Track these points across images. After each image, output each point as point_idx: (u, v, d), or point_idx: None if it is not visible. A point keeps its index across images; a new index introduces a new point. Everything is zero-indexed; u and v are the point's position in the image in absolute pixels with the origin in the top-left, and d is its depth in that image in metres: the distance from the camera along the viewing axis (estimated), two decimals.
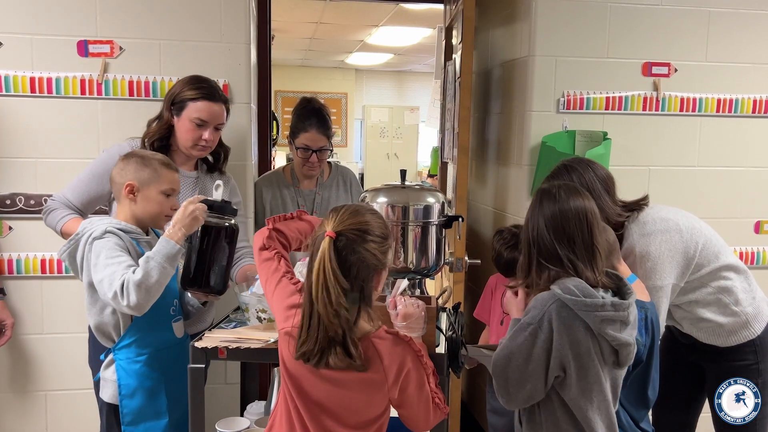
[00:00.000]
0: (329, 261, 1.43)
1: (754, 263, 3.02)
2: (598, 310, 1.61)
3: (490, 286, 2.74)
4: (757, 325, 2.15)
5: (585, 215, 1.72)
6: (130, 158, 2.01)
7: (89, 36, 2.59)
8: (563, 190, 1.75)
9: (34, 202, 2.62)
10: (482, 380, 3.27)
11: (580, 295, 1.62)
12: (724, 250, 2.15)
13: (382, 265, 1.51)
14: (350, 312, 1.46)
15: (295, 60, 10.26)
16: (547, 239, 1.71)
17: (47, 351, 2.70)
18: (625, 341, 1.64)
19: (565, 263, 1.69)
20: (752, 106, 2.96)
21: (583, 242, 1.70)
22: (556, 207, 1.72)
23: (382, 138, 10.87)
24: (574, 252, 1.70)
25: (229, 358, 1.83)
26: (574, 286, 1.63)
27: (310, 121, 2.64)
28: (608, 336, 1.63)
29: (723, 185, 3.00)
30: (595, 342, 1.64)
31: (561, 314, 1.63)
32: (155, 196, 1.98)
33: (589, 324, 1.62)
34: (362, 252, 1.46)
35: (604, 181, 2.11)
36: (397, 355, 1.50)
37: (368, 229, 1.49)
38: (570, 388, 1.65)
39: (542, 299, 1.67)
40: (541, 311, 1.65)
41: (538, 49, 2.80)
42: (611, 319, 1.62)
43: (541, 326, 1.64)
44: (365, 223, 1.49)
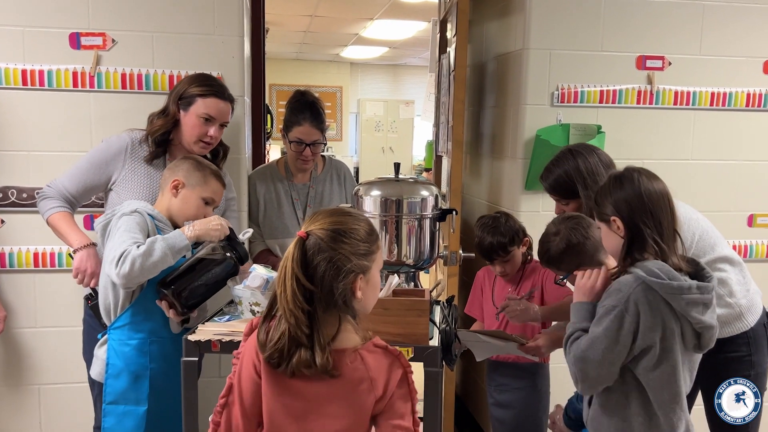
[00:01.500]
0: (291, 260, 1.37)
1: (747, 256, 3.03)
2: (684, 293, 1.59)
3: (479, 280, 2.74)
4: (751, 317, 2.16)
5: (668, 198, 1.69)
6: (188, 159, 2.15)
7: (81, 28, 2.58)
8: (644, 175, 1.71)
9: (26, 196, 2.61)
10: (477, 374, 3.28)
11: (665, 278, 1.59)
12: (719, 242, 2.16)
13: (359, 269, 1.39)
14: (318, 316, 1.37)
15: (290, 53, 10.23)
16: (632, 221, 1.67)
17: (40, 345, 2.70)
18: (708, 324, 1.63)
19: (648, 244, 1.65)
20: (746, 99, 2.97)
21: (668, 225, 1.68)
22: (641, 189, 1.67)
23: (377, 132, 10.86)
24: (660, 234, 1.66)
25: (223, 351, 1.83)
26: (658, 268, 1.61)
27: (304, 115, 2.64)
28: (693, 319, 1.61)
29: (716, 178, 3.00)
30: (678, 325, 1.63)
31: (648, 297, 1.60)
32: (195, 200, 2.10)
33: (675, 307, 1.61)
34: (330, 252, 1.37)
35: (608, 166, 2.14)
36: (385, 367, 1.41)
37: (342, 230, 1.40)
38: (650, 371, 1.64)
39: (626, 282, 1.64)
40: (626, 294, 1.62)
41: (533, 43, 2.80)
42: (696, 302, 1.61)
43: (627, 309, 1.60)
44: (340, 224, 1.41)
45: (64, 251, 2.64)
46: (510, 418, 2.59)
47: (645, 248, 1.66)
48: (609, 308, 1.63)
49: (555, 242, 1.97)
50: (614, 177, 1.74)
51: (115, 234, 1.96)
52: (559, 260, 1.97)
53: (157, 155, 2.28)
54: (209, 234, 2.03)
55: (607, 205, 1.72)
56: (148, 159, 2.27)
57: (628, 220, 1.67)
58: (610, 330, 1.62)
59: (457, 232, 2.79)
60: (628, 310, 1.61)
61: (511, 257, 2.52)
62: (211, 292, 2.06)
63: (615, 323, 1.61)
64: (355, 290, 1.40)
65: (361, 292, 1.41)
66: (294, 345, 1.37)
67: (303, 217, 2.72)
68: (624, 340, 1.61)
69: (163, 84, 2.62)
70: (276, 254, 2.71)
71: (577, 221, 1.95)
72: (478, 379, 3.25)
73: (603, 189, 1.75)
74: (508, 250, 2.50)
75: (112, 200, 2.26)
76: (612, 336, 1.61)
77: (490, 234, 2.51)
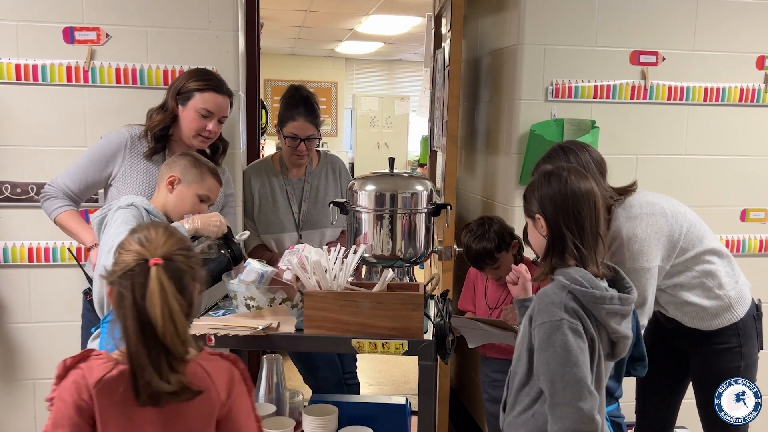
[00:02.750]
0: (171, 295, 1.30)
1: (740, 251, 3.05)
2: (606, 303, 1.55)
3: (471, 277, 2.75)
4: (740, 309, 2.18)
5: (595, 200, 1.64)
6: (185, 155, 2.15)
7: (75, 23, 2.57)
8: (573, 173, 1.67)
9: (20, 191, 2.60)
10: (471, 367, 3.29)
11: (588, 286, 1.56)
12: (707, 234, 2.18)
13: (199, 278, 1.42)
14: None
15: (285, 48, 10.21)
16: (555, 223, 1.63)
17: (35, 339, 2.70)
18: (624, 334, 1.60)
19: (569, 249, 1.61)
20: (739, 94, 2.98)
21: (591, 229, 1.62)
22: (567, 189, 1.63)
23: (373, 127, 10.85)
24: (581, 239, 1.61)
25: (218, 345, 1.83)
26: (581, 276, 1.57)
27: (298, 110, 2.64)
28: (610, 328, 1.58)
29: (710, 173, 3.02)
30: (596, 333, 1.58)
31: (577, 304, 1.56)
32: (190, 196, 2.10)
33: (596, 315, 1.56)
34: (189, 270, 1.37)
35: (599, 164, 2.14)
36: (224, 373, 1.42)
37: (188, 246, 1.42)
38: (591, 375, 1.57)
39: (553, 292, 1.58)
40: (560, 304, 1.55)
41: (527, 38, 2.80)
42: (615, 312, 1.57)
43: (571, 316, 1.54)
44: (182, 241, 1.40)
45: (58, 246, 2.64)
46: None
47: (565, 251, 1.62)
48: (553, 324, 1.54)
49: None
50: (543, 173, 1.70)
51: (111, 226, 1.97)
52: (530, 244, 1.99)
53: (156, 151, 2.28)
54: (208, 229, 2.04)
55: (533, 201, 1.68)
56: (148, 154, 2.28)
57: (552, 221, 1.64)
58: (567, 343, 1.52)
59: (451, 227, 2.79)
60: (572, 316, 1.54)
61: (500, 263, 2.50)
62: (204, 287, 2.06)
63: (568, 335, 1.52)
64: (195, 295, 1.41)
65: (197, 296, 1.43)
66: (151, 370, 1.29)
67: (298, 212, 2.73)
68: (584, 346, 1.53)
69: (158, 79, 2.62)
70: (271, 249, 2.71)
71: None
72: (472, 373, 3.26)
73: (531, 184, 1.71)
74: (496, 257, 2.47)
75: (111, 195, 2.27)
76: (573, 347, 1.52)
77: (476, 241, 2.47)
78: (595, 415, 1.50)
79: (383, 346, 1.78)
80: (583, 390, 1.50)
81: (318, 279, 1.85)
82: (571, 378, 1.50)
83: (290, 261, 1.90)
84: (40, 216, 2.36)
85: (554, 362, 1.52)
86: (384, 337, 1.78)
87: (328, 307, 1.80)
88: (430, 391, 1.81)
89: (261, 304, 1.92)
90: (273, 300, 1.93)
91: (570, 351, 1.51)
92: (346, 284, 1.88)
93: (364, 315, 1.79)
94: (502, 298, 2.61)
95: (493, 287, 2.65)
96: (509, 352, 2.53)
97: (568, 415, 1.50)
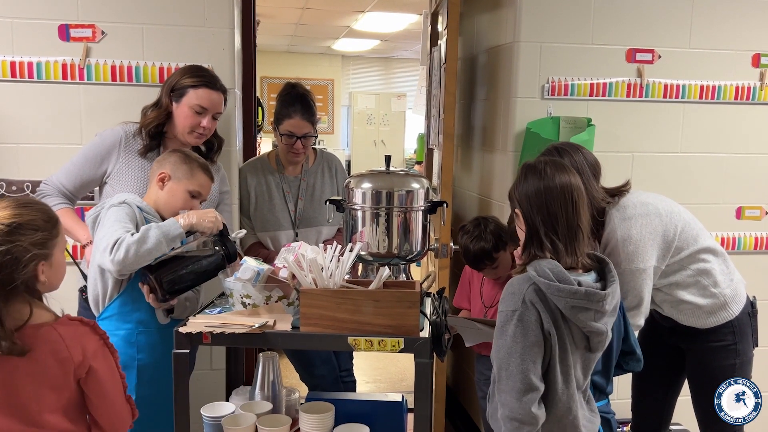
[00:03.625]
0: None
1: (735, 248, 3.06)
2: (569, 296, 1.58)
3: (466, 275, 2.75)
4: (735, 306, 2.19)
5: (570, 193, 1.66)
6: (176, 152, 2.16)
7: (70, 20, 2.56)
8: (549, 166, 1.70)
9: (15, 188, 2.60)
10: (467, 365, 3.29)
11: (554, 279, 1.58)
12: (702, 233, 2.19)
13: (38, 257, 1.54)
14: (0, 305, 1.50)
15: (281, 46, 10.19)
16: (530, 217, 1.67)
17: None
18: (596, 329, 1.62)
19: (545, 244, 1.65)
20: (734, 92, 2.99)
21: (567, 222, 1.65)
22: (541, 183, 1.66)
23: (369, 125, 10.84)
24: (555, 232, 1.65)
25: (214, 343, 1.83)
26: (549, 269, 1.60)
27: (294, 108, 2.63)
28: (579, 322, 1.61)
29: (705, 171, 3.02)
30: (566, 325, 1.62)
31: (539, 296, 1.60)
32: (181, 193, 2.10)
33: (560, 307, 1.60)
34: (8, 246, 1.49)
35: (593, 165, 2.15)
36: (80, 336, 1.58)
37: (19, 223, 1.52)
38: (552, 369, 1.62)
39: (518, 283, 1.64)
40: (520, 295, 1.61)
41: (523, 36, 2.80)
42: (580, 306, 1.59)
43: (526, 308, 1.59)
44: (17, 216, 1.52)
45: None
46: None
47: (542, 245, 1.65)
48: (508, 314, 1.61)
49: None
50: (524, 167, 1.73)
51: (105, 224, 1.97)
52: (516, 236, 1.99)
53: (151, 148, 2.28)
54: (203, 225, 2.03)
55: (513, 196, 1.73)
56: (143, 152, 2.27)
57: (527, 215, 1.68)
58: (516, 334, 1.59)
59: (447, 225, 2.80)
60: (527, 309, 1.59)
61: (499, 263, 2.51)
62: (195, 282, 2.05)
63: (519, 326, 1.59)
64: (38, 275, 1.55)
65: (44, 276, 1.57)
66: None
67: (294, 209, 2.73)
68: (535, 338, 1.58)
69: (154, 76, 2.61)
70: (267, 247, 2.71)
71: None
72: (468, 370, 3.26)
73: (516, 179, 1.75)
74: (494, 257, 2.48)
75: (106, 193, 2.27)
76: (521, 339, 1.58)
77: (474, 242, 2.48)
78: (531, 408, 1.56)
79: (379, 344, 1.78)
80: (524, 382, 1.56)
81: (314, 277, 1.85)
82: (514, 368, 1.58)
83: (286, 259, 1.90)
84: None
85: (503, 350, 1.60)
86: (380, 335, 1.78)
87: (325, 305, 1.80)
88: (427, 388, 1.81)
89: (257, 301, 1.92)
90: (269, 298, 1.92)
91: (516, 342, 1.58)
92: (343, 282, 1.87)
93: (360, 313, 1.79)
94: (497, 297, 2.61)
95: (488, 285, 2.66)
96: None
97: (507, 403, 1.59)
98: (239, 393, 2.22)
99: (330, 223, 2.66)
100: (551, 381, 1.63)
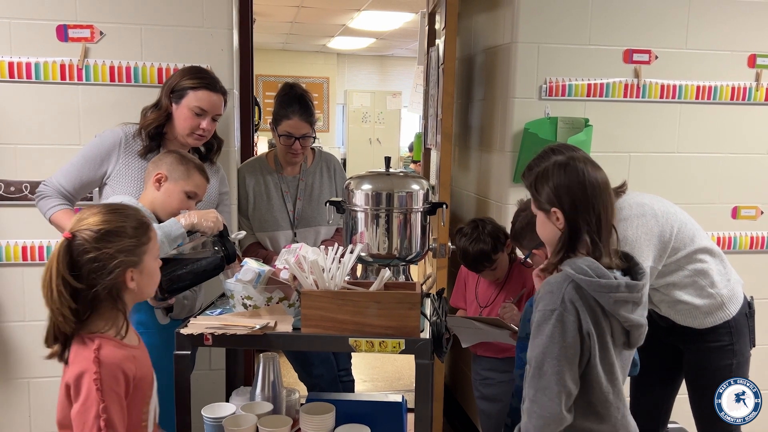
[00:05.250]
0: (57, 262, 1.46)
1: (731, 248, 3.08)
2: (612, 291, 1.54)
3: (462, 275, 2.76)
4: (732, 307, 2.20)
5: (608, 190, 1.63)
6: (172, 153, 2.17)
7: (69, 20, 2.56)
8: (587, 163, 1.64)
9: (14, 189, 2.59)
10: (465, 365, 3.30)
11: (594, 275, 1.54)
12: (698, 233, 2.20)
13: (127, 264, 1.51)
14: (82, 311, 1.48)
15: (277, 44, 10.18)
16: (573, 216, 1.60)
17: (30, 338, 2.69)
18: (637, 322, 1.59)
19: (585, 243, 1.60)
20: (731, 93, 3.00)
21: (607, 220, 1.61)
22: (585, 180, 1.60)
23: (365, 123, 10.84)
24: (599, 231, 1.60)
25: (215, 344, 1.83)
26: (587, 265, 1.56)
27: (293, 108, 2.63)
28: (621, 317, 1.57)
29: (702, 171, 3.04)
30: (607, 322, 1.58)
31: (579, 294, 1.55)
32: (177, 193, 2.10)
33: (603, 304, 1.56)
34: (95, 252, 1.47)
35: None
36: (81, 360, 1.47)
37: (108, 230, 1.49)
38: (593, 369, 1.58)
39: (556, 282, 1.58)
40: (559, 294, 1.55)
41: (521, 36, 2.81)
42: (624, 300, 1.56)
43: (565, 308, 1.54)
44: (106, 223, 1.50)
45: (53, 245, 2.63)
46: (496, 411, 2.61)
47: (578, 243, 1.60)
48: (546, 313, 1.56)
49: (521, 218, 1.99)
50: (558, 164, 1.66)
51: None
52: (521, 235, 1.98)
53: (150, 149, 2.28)
54: (204, 225, 2.04)
55: (547, 194, 1.65)
56: (142, 153, 2.27)
57: (570, 214, 1.61)
58: (554, 335, 1.53)
59: (446, 225, 2.80)
60: (566, 309, 1.54)
61: (497, 264, 2.52)
62: (194, 282, 2.05)
63: (558, 326, 1.54)
64: (126, 282, 1.52)
65: (134, 283, 1.53)
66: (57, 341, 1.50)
67: (293, 209, 2.73)
68: (572, 340, 1.54)
69: (152, 77, 2.61)
70: (266, 247, 2.72)
71: None
72: (466, 370, 3.27)
73: (544, 175, 1.67)
74: (493, 259, 2.49)
75: (106, 194, 2.26)
76: (559, 339, 1.53)
77: (472, 245, 2.48)
78: (562, 409, 1.53)
79: (380, 345, 1.79)
80: (558, 383, 1.53)
81: (315, 278, 1.85)
82: (549, 368, 1.54)
83: (287, 260, 1.90)
84: (34, 215, 2.35)
85: (538, 349, 1.56)
86: (381, 336, 1.79)
87: (326, 306, 1.80)
88: (427, 389, 1.81)
89: (258, 303, 1.93)
90: (270, 299, 1.93)
91: (554, 342, 1.54)
92: (344, 283, 1.88)
93: (361, 314, 1.79)
94: (493, 297, 2.62)
95: (484, 286, 2.67)
96: (500, 351, 2.56)
97: (537, 400, 1.55)
98: (239, 393, 2.23)
99: (329, 224, 2.67)
100: (594, 382, 1.59)
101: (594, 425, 1.60)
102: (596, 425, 1.60)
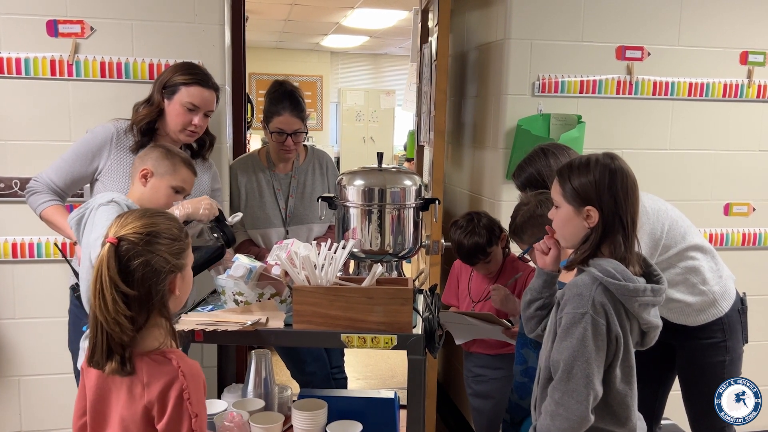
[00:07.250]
0: (107, 268, 1.36)
1: (723, 245, 3.09)
2: (639, 295, 1.54)
3: (455, 271, 2.75)
4: (725, 303, 2.20)
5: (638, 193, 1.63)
6: (157, 147, 2.11)
7: (59, 15, 2.54)
8: (621, 161, 1.62)
9: (3, 185, 2.57)
10: (458, 361, 3.30)
11: (621, 279, 1.54)
12: (690, 231, 2.20)
13: (176, 268, 1.44)
14: (138, 319, 1.40)
15: (270, 42, 10.15)
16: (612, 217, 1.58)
17: (20, 336, 2.67)
18: (655, 324, 1.60)
19: (611, 242, 1.59)
20: (723, 90, 3.01)
21: (637, 225, 1.61)
22: (627, 181, 1.59)
23: (358, 121, 10.82)
24: (631, 232, 1.60)
25: (206, 341, 1.83)
26: (613, 268, 1.55)
27: (283, 105, 2.62)
28: (642, 320, 1.58)
29: (694, 168, 3.05)
30: (628, 324, 1.58)
31: (607, 297, 1.54)
32: (164, 188, 2.06)
33: (628, 308, 1.56)
34: (147, 255, 1.39)
35: None
36: (164, 379, 1.40)
37: (156, 232, 1.42)
38: (613, 370, 1.58)
39: (584, 284, 1.56)
40: (588, 297, 1.54)
41: (514, 33, 2.81)
42: (648, 303, 1.56)
43: (596, 311, 1.52)
44: (153, 225, 1.43)
45: (43, 242, 2.62)
46: (488, 408, 2.61)
47: (603, 243, 1.59)
48: (576, 316, 1.54)
49: (522, 212, 1.98)
50: (603, 166, 1.61)
51: (97, 224, 1.93)
52: (522, 230, 1.97)
53: (142, 145, 2.26)
54: (200, 213, 2.02)
55: (585, 190, 1.60)
56: (134, 149, 2.25)
57: (609, 215, 1.58)
58: (585, 338, 1.52)
59: (439, 222, 2.80)
60: (597, 312, 1.53)
61: (492, 257, 2.52)
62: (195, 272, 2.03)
63: (590, 329, 1.52)
64: (174, 289, 1.45)
65: (178, 290, 1.46)
66: (112, 351, 1.39)
67: (285, 207, 2.72)
68: (602, 343, 1.53)
69: (143, 73, 2.60)
70: (258, 244, 2.70)
71: (548, 196, 1.87)
72: (459, 366, 3.27)
73: (580, 170, 1.62)
74: (488, 251, 2.49)
75: (97, 190, 2.25)
76: (590, 342, 1.52)
77: (467, 237, 2.48)
78: (588, 413, 1.53)
79: (372, 341, 1.78)
80: (587, 386, 1.53)
81: (307, 274, 1.84)
82: (578, 371, 1.53)
83: (279, 256, 1.89)
84: (25, 211, 2.33)
85: (567, 352, 1.54)
86: (373, 332, 1.78)
87: (317, 302, 1.80)
88: (420, 385, 1.81)
89: (249, 299, 1.92)
90: (262, 295, 1.92)
91: (586, 346, 1.53)
92: (335, 279, 1.88)
93: (353, 310, 1.79)
94: (485, 292, 2.62)
95: (476, 281, 2.66)
96: (492, 347, 2.56)
97: (564, 403, 1.54)
98: (231, 390, 2.22)
99: (321, 221, 2.66)
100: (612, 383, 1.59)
101: (610, 426, 1.61)
102: (612, 426, 1.61)
